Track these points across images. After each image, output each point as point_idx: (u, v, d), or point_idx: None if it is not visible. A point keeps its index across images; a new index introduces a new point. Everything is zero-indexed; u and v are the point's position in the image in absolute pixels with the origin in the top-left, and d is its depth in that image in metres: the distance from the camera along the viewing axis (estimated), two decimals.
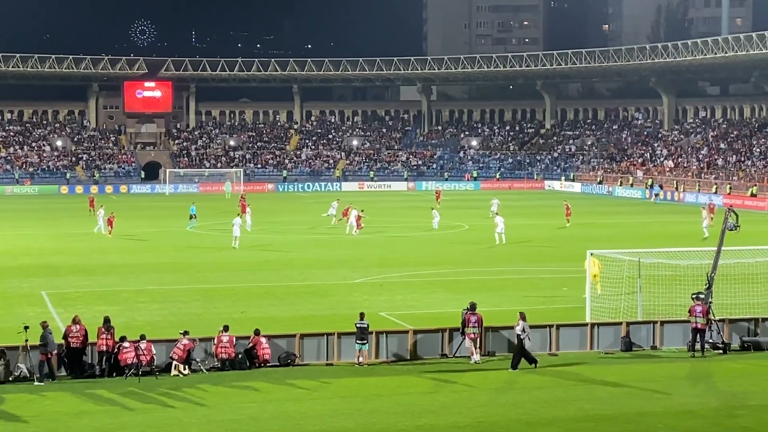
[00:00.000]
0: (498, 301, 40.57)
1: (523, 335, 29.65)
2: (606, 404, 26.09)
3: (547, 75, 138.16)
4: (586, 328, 32.77)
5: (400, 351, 31.09)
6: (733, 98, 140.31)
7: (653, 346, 32.71)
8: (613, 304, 35.26)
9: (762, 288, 37.48)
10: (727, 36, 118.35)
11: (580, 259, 38.59)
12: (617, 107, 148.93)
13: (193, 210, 71.72)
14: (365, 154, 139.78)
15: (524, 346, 29.70)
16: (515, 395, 26.98)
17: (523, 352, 29.71)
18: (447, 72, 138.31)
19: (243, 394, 26.94)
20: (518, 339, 29.76)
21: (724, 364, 30.78)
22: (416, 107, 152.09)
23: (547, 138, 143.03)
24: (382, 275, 48.34)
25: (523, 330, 29.70)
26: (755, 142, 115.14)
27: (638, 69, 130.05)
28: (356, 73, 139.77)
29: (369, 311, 34.40)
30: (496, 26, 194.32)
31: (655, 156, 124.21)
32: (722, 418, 24.82)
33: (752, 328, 33.42)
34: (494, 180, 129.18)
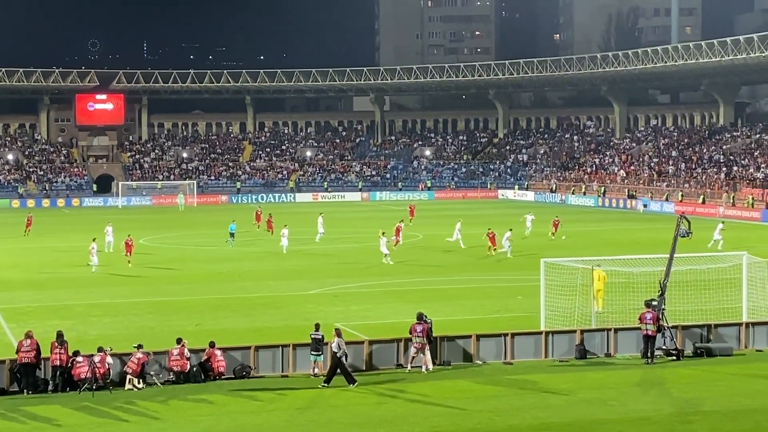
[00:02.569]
0: (453, 311, 40.66)
1: (339, 352, 28.90)
2: (561, 412, 26.18)
3: (499, 84, 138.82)
4: (540, 337, 32.89)
5: (356, 362, 31.01)
6: (683, 106, 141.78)
7: (607, 354, 32.88)
8: (567, 312, 35.41)
9: (714, 294, 37.82)
10: (676, 45, 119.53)
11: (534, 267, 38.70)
12: (569, 116, 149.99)
13: (233, 228, 67.63)
14: (319, 164, 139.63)
15: (341, 363, 28.95)
16: (470, 404, 26.97)
17: (341, 368, 28.93)
18: (400, 82, 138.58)
19: (198, 407, 26.76)
20: (333, 355, 28.96)
21: (678, 371, 30.99)
22: (369, 117, 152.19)
23: (500, 147, 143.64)
24: (338, 286, 48.27)
25: (339, 347, 28.95)
26: (705, 149, 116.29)
27: (589, 78, 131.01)
28: (309, 84, 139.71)
29: (324, 322, 34.28)
30: (448, 36, 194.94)
31: (607, 164, 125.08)
32: (675, 425, 24.99)
33: (705, 335, 33.69)
34: (448, 189, 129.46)
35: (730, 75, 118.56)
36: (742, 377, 30.00)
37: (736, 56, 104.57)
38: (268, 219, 74.39)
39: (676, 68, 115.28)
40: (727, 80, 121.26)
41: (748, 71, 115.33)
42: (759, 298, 35.86)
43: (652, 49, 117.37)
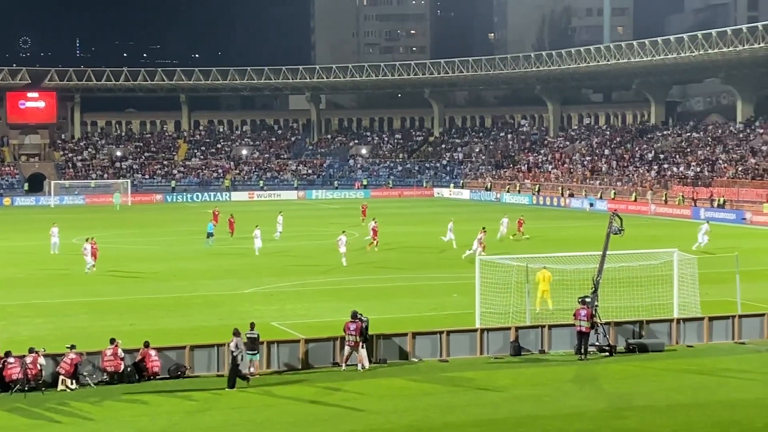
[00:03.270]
0: (389, 309, 40.73)
1: (237, 352, 28.60)
2: (496, 409, 26.36)
3: (434, 83, 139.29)
4: (475, 334, 33.07)
5: (292, 361, 30.98)
6: (615, 105, 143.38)
7: (542, 350, 33.15)
8: (502, 310, 35.63)
9: (646, 291, 38.27)
10: (609, 44, 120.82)
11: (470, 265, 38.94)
12: (504, 114, 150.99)
13: (211, 228, 66.76)
14: (254, 163, 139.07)
15: (237, 364, 28.63)
16: (406, 402, 27.08)
17: (236, 370, 28.60)
18: (335, 81, 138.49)
19: (132, 407, 26.55)
20: (232, 356, 28.70)
21: (611, 367, 31.34)
22: (305, 116, 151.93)
23: (436, 146, 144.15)
24: (273, 285, 48.13)
25: (237, 347, 28.67)
26: (637, 147, 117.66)
27: (524, 77, 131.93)
28: (244, 82, 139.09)
29: (260, 321, 34.22)
30: (383, 35, 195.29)
31: (541, 162, 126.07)
32: (609, 420, 25.28)
33: (637, 331, 34.09)
34: (384, 188, 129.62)
35: (661, 74, 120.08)
36: (674, 372, 30.42)
37: (667, 56, 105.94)
38: (229, 219, 71.65)
39: (609, 67, 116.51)
40: (659, 79, 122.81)
41: (679, 71, 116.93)
42: (690, 295, 36.36)
43: (585, 49, 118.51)
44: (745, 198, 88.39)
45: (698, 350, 33.52)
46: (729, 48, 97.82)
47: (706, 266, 41.96)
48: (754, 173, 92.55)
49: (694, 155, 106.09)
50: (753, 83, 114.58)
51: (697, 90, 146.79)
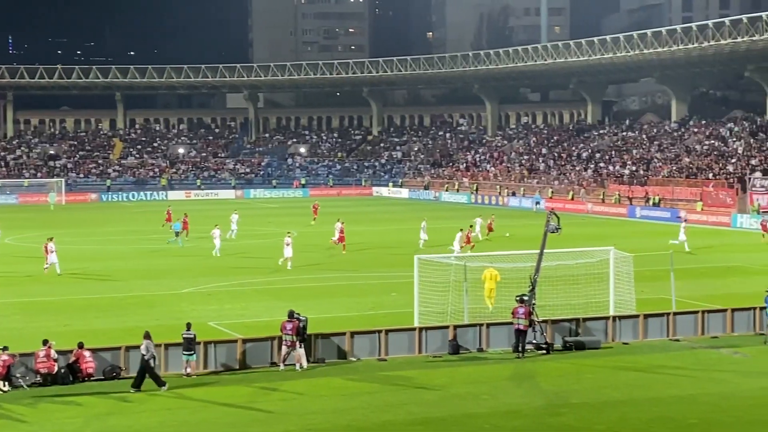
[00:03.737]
0: (328, 308, 40.62)
1: (147, 354, 28.29)
2: (434, 407, 26.39)
3: (373, 82, 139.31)
4: (414, 333, 33.08)
5: (229, 361, 30.77)
6: (552, 104, 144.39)
7: (480, 349, 33.25)
8: (440, 308, 35.69)
9: (582, 289, 38.52)
10: (546, 44, 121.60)
11: (408, 264, 38.94)
12: (442, 113, 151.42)
13: (177, 227, 65.83)
14: (191, 162, 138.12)
15: (149, 366, 28.35)
16: (344, 401, 27.03)
17: (149, 372, 28.29)
18: (273, 79, 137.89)
19: (66, 409, 26.22)
20: (142, 358, 28.42)
21: (548, 364, 31.52)
22: (243, 114, 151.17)
23: (374, 144, 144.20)
24: (211, 284, 47.79)
25: (147, 349, 28.36)
26: (574, 146, 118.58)
27: (462, 76, 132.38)
28: (181, 80, 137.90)
29: (197, 321, 33.95)
30: (321, 33, 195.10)
31: (480, 161, 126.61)
32: (546, 417, 25.41)
33: (574, 328, 34.32)
34: (323, 187, 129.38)
35: (597, 74, 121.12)
36: (609, 369, 30.67)
37: (603, 56, 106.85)
38: (183, 219, 68.52)
39: (546, 67, 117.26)
40: (595, 79, 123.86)
41: (615, 70, 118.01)
42: (625, 292, 36.69)
43: (522, 48, 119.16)
44: (680, 197, 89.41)
45: (634, 347, 33.82)
46: (664, 48, 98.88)
47: (641, 264, 42.36)
48: (688, 172, 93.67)
49: (630, 154, 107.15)
50: (687, 83, 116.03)
51: (633, 89, 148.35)
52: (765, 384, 28.62)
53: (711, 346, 33.75)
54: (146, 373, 28.31)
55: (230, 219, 69.18)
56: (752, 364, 31.29)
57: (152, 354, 28.46)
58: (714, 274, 50.81)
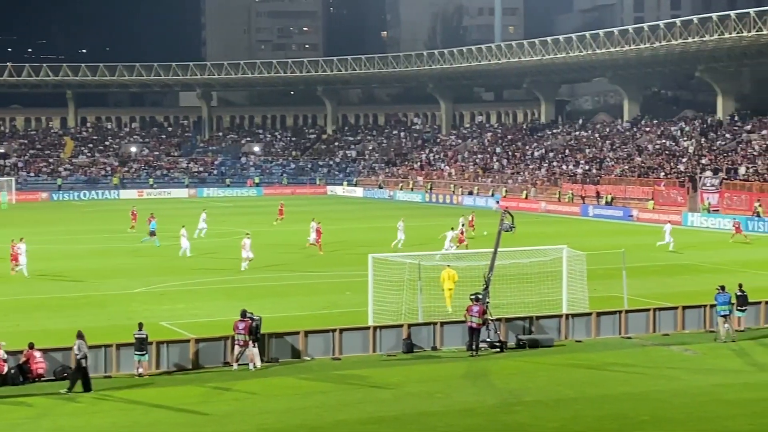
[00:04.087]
0: (282, 307, 40.52)
1: (80, 354, 27.86)
2: (388, 406, 26.40)
3: (327, 81, 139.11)
4: (368, 332, 33.07)
5: (182, 361, 30.59)
6: (506, 103, 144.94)
7: (434, 347, 33.30)
8: (395, 307, 35.70)
9: (536, 287, 38.71)
10: (500, 43, 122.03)
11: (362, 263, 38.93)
12: (397, 113, 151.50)
13: (154, 226, 63.75)
14: (144, 161, 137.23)
15: (82, 367, 27.84)
16: (298, 401, 26.97)
17: (81, 373, 27.83)
18: (227, 78, 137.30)
19: (16, 410, 25.95)
20: (75, 359, 28.11)
21: (501, 362, 31.64)
22: (196, 113, 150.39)
23: (329, 143, 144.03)
24: (164, 284, 47.51)
25: (80, 349, 27.90)
26: (528, 146, 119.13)
27: (416, 75, 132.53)
28: (133, 78, 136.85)
29: (150, 321, 33.76)
30: (275, 32, 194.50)
31: (434, 160, 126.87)
32: (500, 415, 25.50)
33: (527, 327, 34.46)
34: (277, 186, 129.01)
35: (550, 73, 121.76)
36: (563, 367, 30.84)
37: (557, 55, 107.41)
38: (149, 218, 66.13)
39: (500, 66, 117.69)
40: (548, 78, 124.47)
41: (568, 70, 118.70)
42: (578, 291, 36.92)
43: (476, 48, 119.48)
44: (632, 195, 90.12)
45: (586, 345, 34.03)
46: (616, 48, 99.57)
47: (594, 262, 42.62)
48: (640, 171, 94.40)
49: (583, 153, 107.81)
50: (639, 83, 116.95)
51: (586, 89, 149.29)
52: (715, 381, 28.90)
53: (662, 343, 34.03)
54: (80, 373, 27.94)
55: (200, 218, 68.47)
56: (702, 362, 31.59)
57: (84, 354, 28.05)
58: (665, 272, 51.24)
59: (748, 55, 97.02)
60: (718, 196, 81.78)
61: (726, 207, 79.87)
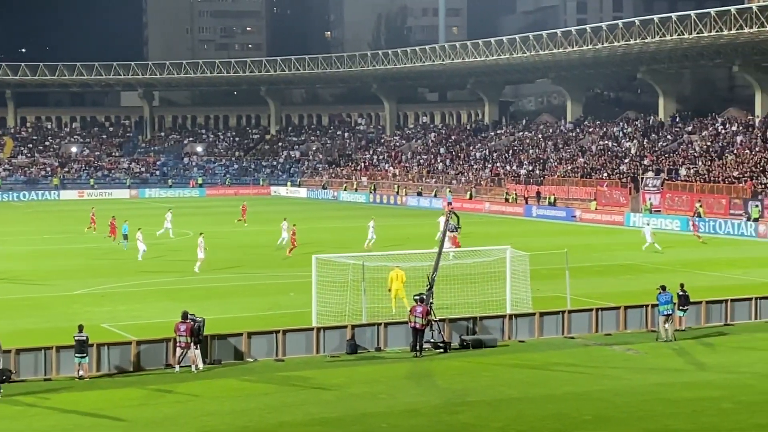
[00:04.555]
0: (225, 309, 40.28)
1: None
2: (331, 407, 26.30)
3: (271, 81, 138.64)
4: (312, 333, 32.94)
5: (123, 363, 30.27)
6: (450, 104, 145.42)
7: (378, 348, 33.24)
8: (338, 308, 35.60)
9: (479, 288, 38.80)
10: (444, 44, 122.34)
11: (305, 264, 38.78)
12: (341, 113, 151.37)
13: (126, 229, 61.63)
14: (85, 161, 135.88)
15: None
16: (241, 402, 26.77)
17: None
18: (169, 77, 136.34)
19: None
20: None
21: (445, 363, 31.66)
22: (138, 113, 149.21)
23: (273, 144, 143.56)
24: (105, 285, 47.03)
25: None
26: (471, 146, 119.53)
27: (360, 75, 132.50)
28: (74, 77, 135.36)
29: (91, 323, 33.40)
30: (218, 32, 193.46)
31: (378, 161, 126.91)
32: (443, 415, 25.50)
33: (471, 327, 34.51)
34: (220, 186, 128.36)
35: (494, 74, 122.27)
36: (506, 367, 30.92)
37: (500, 56, 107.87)
38: (111, 222, 64.26)
39: (444, 67, 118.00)
40: (492, 79, 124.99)
41: (512, 71, 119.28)
42: (522, 291, 37.05)
43: (420, 48, 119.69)
44: (575, 196, 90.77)
45: (530, 345, 34.15)
46: (559, 49, 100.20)
47: (537, 263, 42.82)
48: (583, 172, 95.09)
49: (526, 154, 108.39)
50: (582, 84, 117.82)
51: (529, 90, 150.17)
52: (656, 380, 29.12)
53: (605, 343, 34.24)
54: None
55: (165, 217, 67.93)
56: (644, 361, 31.83)
57: None
58: (608, 272, 51.62)
59: (689, 57, 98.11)
60: (659, 196, 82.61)
61: (668, 207, 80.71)
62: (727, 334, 35.65)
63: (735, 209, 75.46)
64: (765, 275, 49.84)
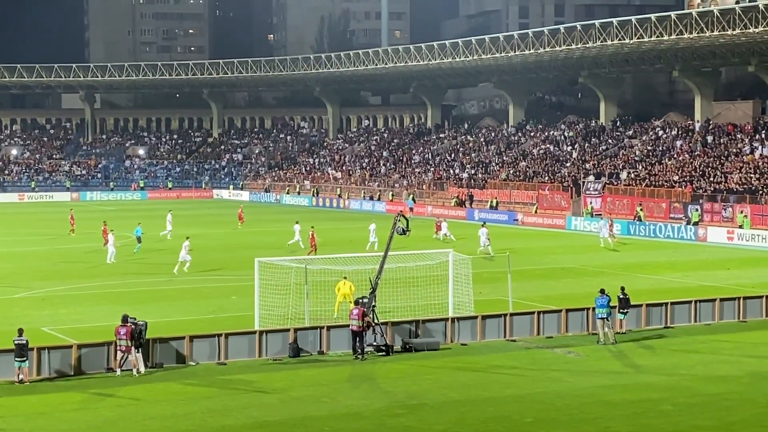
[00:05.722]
0: (167, 312, 40.07)
1: None
2: (274, 410, 26.29)
3: (213, 83, 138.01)
4: (254, 336, 32.87)
5: (63, 366, 30.01)
6: (393, 107, 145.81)
7: (320, 351, 33.23)
8: (281, 311, 35.57)
9: (422, 291, 38.96)
10: (387, 48, 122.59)
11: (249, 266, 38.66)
12: (284, 116, 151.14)
13: (139, 232, 60.97)
14: (25, 163, 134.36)
15: None
16: (183, 406, 26.66)
17: None
18: (111, 80, 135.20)
19: None
20: None
21: (387, 366, 31.73)
22: (79, 115, 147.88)
23: (215, 146, 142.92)
24: (46, 289, 46.57)
25: None
26: (414, 149, 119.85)
27: (303, 79, 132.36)
28: (14, 79, 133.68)
29: (31, 326, 33.09)
30: (160, 34, 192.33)
31: (321, 164, 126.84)
32: (386, 418, 25.57)
33: (413, 330, 34.61)
34: (162, 189, 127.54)
35: (437, 78, 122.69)
36: (448, 370, 31.05)
37: (443, 60, 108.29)
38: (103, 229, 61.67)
39: (386, 71, 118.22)
40: (435, 83, 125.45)
41: (454, 75, 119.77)
42: (464, 294, 37.22)
43: (363, 52, 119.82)
44: (517, 199, 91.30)
45: (472, 348, 34.33)
46: (501, 54, 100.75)
47: (479, 266, 43.08)
48: (524, 176, 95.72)
49: (469, 157, 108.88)
50: (524, 88, 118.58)
51: (472, 94, 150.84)
52: (597, 383, 29.42)
53: (546, 345, 34.51)
54: None
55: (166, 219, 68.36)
56: (585, 364, 32.13)
57: None
58: (549, 276, 51.98)
59: (630, 62, 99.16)
60: (600, 200, 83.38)
61: (608, 211, 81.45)
62: (667, 337, 36.10)
63: (675, 213, 76.40)
64: (704, 278, 50.51)
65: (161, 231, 68.08)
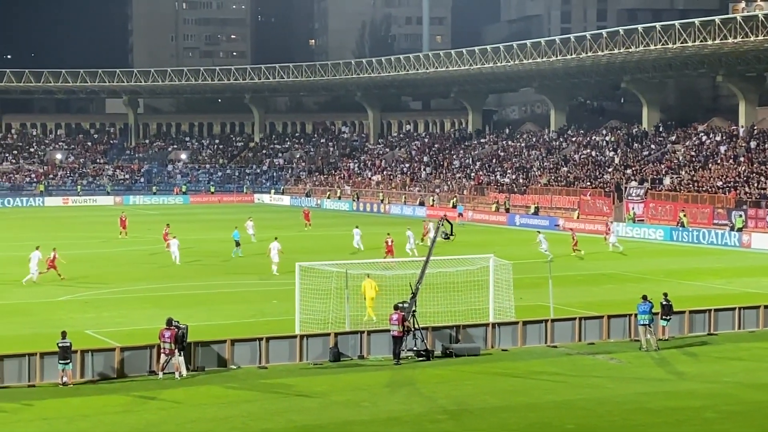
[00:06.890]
0: (208, 316, 40.25)
1: None
2: (314, 415, 26.34)
3: (255, 88, 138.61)
4: (295, 340, 32.97)
5: (106, 369, 30.25)
6: (434, 112, 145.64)
7: (360, 356, 33.28)
8: (322, 316, 35.65)
9: (462, 296, 38.87)
10: (428, 53, 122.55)
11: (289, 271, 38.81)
12: (325, 121, 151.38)
13: (236, 235, 62.08)
14: (70, 168, 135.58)
15: None
16: (224, 410, 26.78)
17: None
18: (154, 85, 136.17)
19: None
20: None
21: (427, 371, 31.70)
22: (123, 120, 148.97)
23: (256, 151, 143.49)
24: (89, 292, 46.95)
25: None
26: (455, 154, 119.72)
27: (344, 83, 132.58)
28: (59, 84, 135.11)
29: (75, 329, 33.40)
30: (203, 39, 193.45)
31: (362, 169, 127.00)
32: (426, 424, 25.55)
33: (454, 335, 34.57)
34: (204, 194, 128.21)
35: (477, 83, 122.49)
36: (489, 376, 30.98)
37: (484, 65, 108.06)
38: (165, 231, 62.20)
39: (427, 76, 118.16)
40: (475, 88, 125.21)
41: (495, 80, 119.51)
42: (505, 299, 37.12)
43: (404, 57, 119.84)
44: (558, 205, 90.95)
45: (512, 354, 34.22)
46: (543, 58, 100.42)
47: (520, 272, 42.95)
48: (566, 181, 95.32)
49: (510, 163, 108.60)
50: (565, 93, 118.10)
51: (513, 99, 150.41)
52: (639, 389, 29.23)
53: (588, 352, 34.34)
54: None
55: (245, 226, 69.83)
56: (627, 370, 31.94)
57: None
58: (591, 282, 51.74)
59: (673, 67, 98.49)
60: (643, 206, 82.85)
61: (651, 217, 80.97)
62: (710, 344, 35.82)
63: (719, 219, 75.72)
64: (748, 285, 50.09)
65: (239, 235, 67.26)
